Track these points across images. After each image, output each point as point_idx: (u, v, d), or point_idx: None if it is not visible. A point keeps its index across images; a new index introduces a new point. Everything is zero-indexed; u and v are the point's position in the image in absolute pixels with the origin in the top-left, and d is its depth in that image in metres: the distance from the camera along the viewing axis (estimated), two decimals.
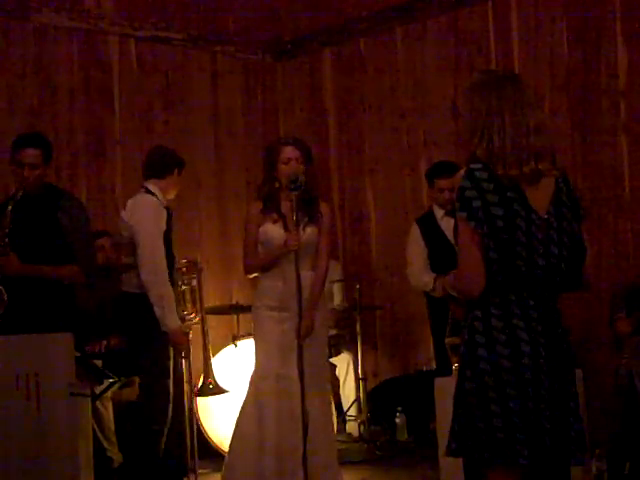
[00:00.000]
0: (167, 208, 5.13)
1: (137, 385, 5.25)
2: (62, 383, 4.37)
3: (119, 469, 5.66)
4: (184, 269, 5.27)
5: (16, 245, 4.69)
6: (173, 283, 5.07)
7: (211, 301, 6.86)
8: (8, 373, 4.33)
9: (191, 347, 5.26)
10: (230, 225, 7.20)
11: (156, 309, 4.87)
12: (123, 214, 5.10)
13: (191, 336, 5.23)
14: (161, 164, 5.17)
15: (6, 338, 4.47)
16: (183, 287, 5.24)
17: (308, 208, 4.79)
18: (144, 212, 5.00)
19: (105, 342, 5.69)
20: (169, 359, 4.98)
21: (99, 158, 6.74)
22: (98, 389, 5.45)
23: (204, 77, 7.38)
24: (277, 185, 4.83)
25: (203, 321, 5.29)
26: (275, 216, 4.83)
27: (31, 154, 4.78)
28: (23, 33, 6.44)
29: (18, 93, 6.38)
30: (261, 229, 4.86)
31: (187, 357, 5.11)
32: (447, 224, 5.72)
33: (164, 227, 5.03)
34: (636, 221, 5.97)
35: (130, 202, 5.09)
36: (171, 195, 5.24)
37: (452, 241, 5.61)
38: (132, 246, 4.99)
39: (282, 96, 7.83)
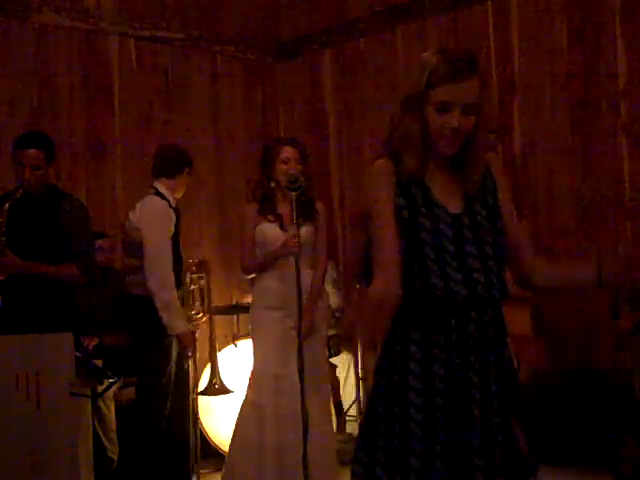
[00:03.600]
0: (176, 209, 5.15)
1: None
2: (62, 383, 4.35)
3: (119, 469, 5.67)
4: (193, 268, 5.27)
5: (17, 245, 4.68)
6: (181, 284, 5.09)
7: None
8: (8, 373, 4.33)
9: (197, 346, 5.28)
10: (230, 225, 7.20)
11: (163, 315, 4.88)
12: (131, 216, 5.09)
13: (198, 334, 5.25)
14: (173, 163, 5.18)
15: (6, 338, 4.47)
16: (192, 287, 5.25)
17: (305, 208, 4.80)
18: (153, 217, 4.99)
19: (98, 340, 5.68)
20: (169, 362, 4.99)
21: (99, 158, 6.74)
22: (99, 389, 5.46)
23: (204, 77, 7.38)
24: (273, 185, 4.84)
25: (211, 321, 5.29)
26: (272, 216, 4.83)
27: (33, 155, 4.76)
28: (23, 33, 6.44)
29: (18, 93, 6.38)
30: (258, 229, 4.87)
31: (192, 357, 5.13)
32: None
33: (172, 230, 5.04)
34: (636, 221, 5.97)
35: (139, 205, 5.08)
36: (179, 194, 5.25)
37: None
38: (140, 248, 4.99)
39: (282, 96, 7.83)
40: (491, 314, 2.44)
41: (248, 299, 5.77)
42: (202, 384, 5.51)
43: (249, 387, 4.86)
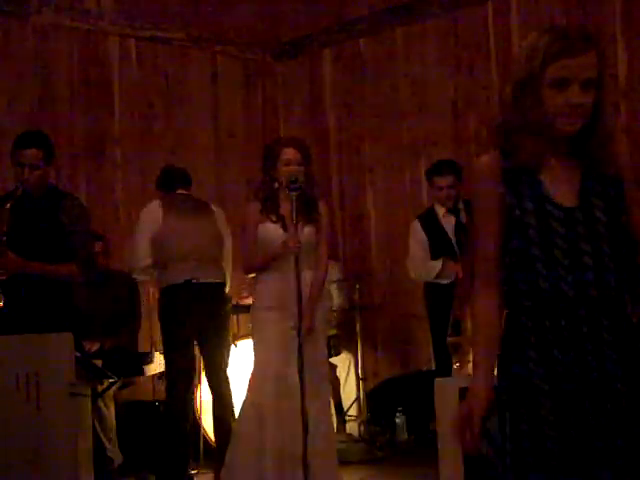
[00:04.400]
0: None
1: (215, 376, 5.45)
2: (62, 383, 4.36)
3: (119, 469, 5.66)
4: None
5: (17, 244, 4.68)
6: None
7: None
8: (8, 373, 4.33)
9: None
10: (230, 225, 7.19)
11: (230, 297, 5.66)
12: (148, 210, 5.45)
13: None
14: (185, 176, 5.67)
15: (6, 338, 4.47)
16: None
17: (306, 208, 4.79)
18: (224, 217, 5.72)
19: (99, 344, 5.68)
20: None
21: (99, 158, 6.74)
22: (99, 389, 5.46)
23: (204, 77, 7.39)
24: (276, 185, 4.83)
25: None
26: (274, 217, 4.82)
27: (32, 154, 4.75)
28: (23, 33, 6.44)
29: (18, 93, 6.38)
30: (260, 229, 4.86)
31: None
32: (448, 222, 5.77)
33: None
34: None
35: (217, 208, 5.76)
36: None
37: (452, 238, 5.74)
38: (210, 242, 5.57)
39: (282, 96, 7.83)
40: (606, 313, 2.30)
41: (248, 301, 5.84)
42: None
43: (249, 387, 4.85)
